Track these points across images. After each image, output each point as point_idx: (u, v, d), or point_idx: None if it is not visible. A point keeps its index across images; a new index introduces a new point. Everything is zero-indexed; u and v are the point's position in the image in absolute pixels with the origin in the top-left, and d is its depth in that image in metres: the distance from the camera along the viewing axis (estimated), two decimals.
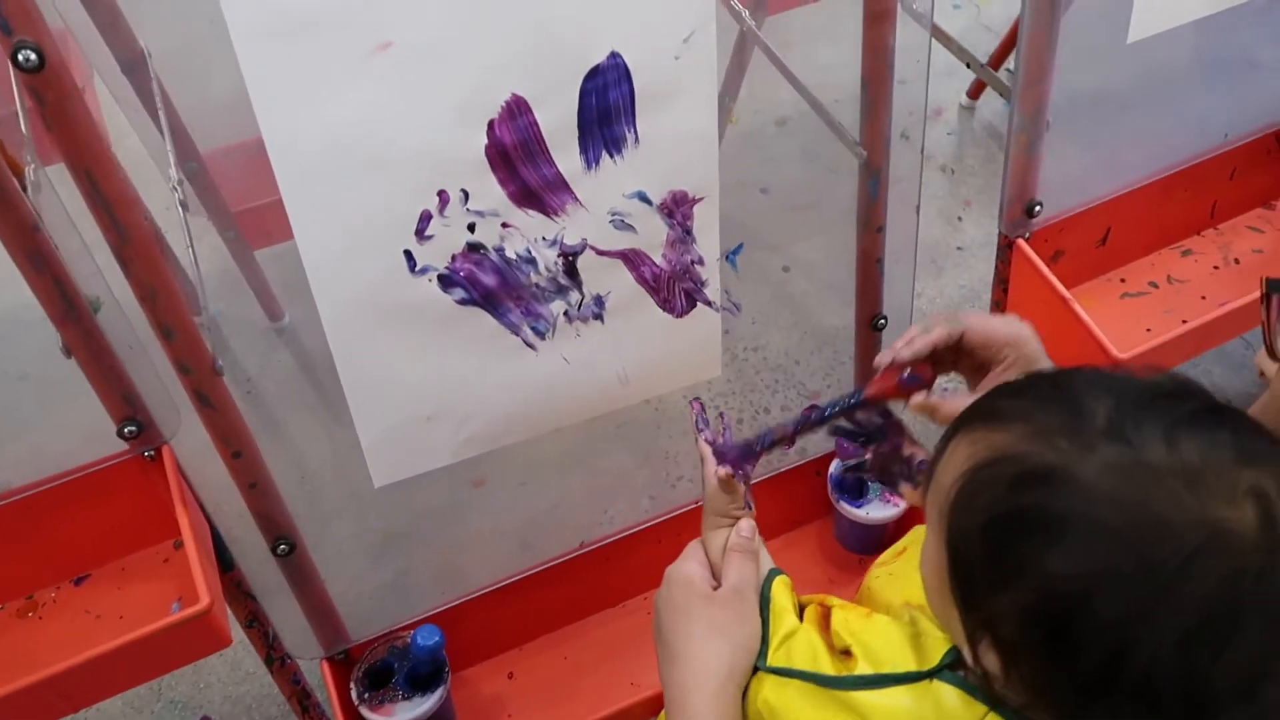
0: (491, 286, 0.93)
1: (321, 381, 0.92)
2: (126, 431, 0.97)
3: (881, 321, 1.22)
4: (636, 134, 0.90)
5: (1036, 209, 1.24)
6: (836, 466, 1.29)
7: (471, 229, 0.89)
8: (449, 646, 1.12)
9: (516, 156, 0.86)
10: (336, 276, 0.86)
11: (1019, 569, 0.56)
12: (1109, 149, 1.40)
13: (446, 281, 0.91)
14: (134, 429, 0.97)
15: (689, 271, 1.01)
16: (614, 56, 0.85)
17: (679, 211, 0.96)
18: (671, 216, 0.96)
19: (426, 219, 0.86)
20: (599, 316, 0.99)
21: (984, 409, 0.64)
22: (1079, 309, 1.20)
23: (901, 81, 1.06)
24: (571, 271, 0.95)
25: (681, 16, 0.85)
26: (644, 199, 0.94)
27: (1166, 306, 1.41)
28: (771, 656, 0.73)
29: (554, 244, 0.93)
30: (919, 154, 1.14)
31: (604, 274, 0.97)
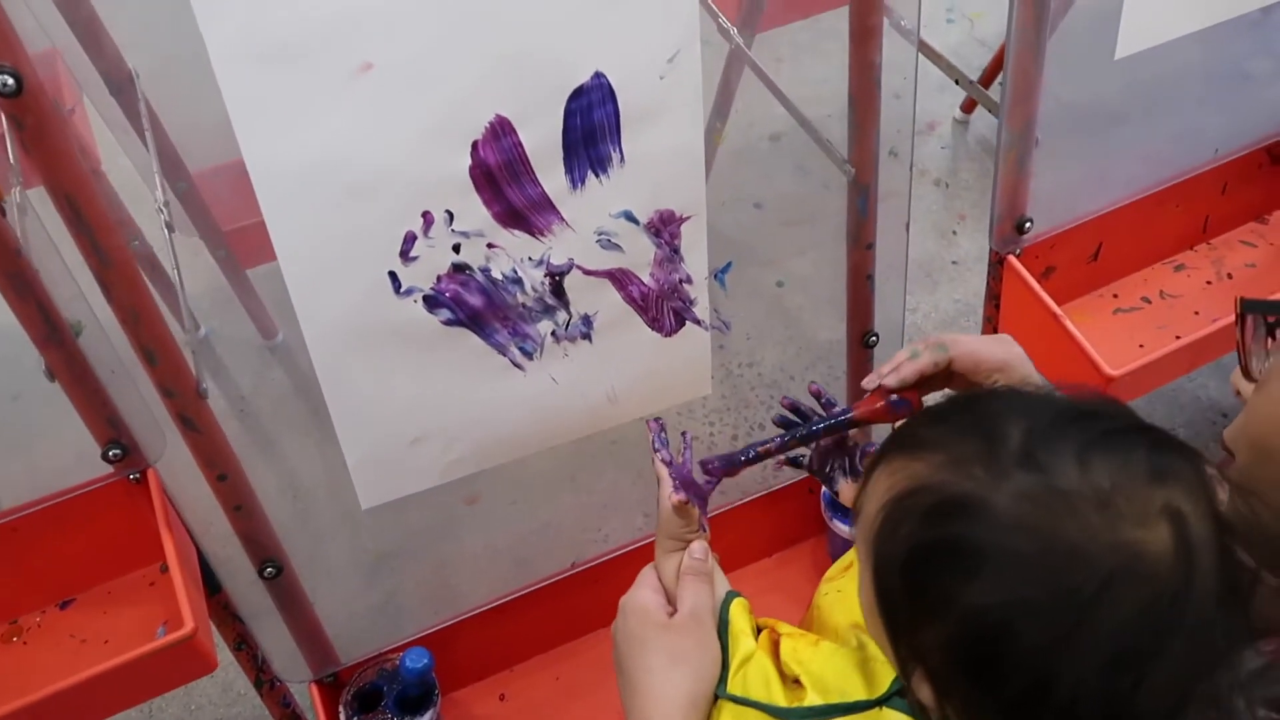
0: (478, 307, 0.92)
1: (314, 400, 0.91)
2: (111, 454, 0.97)
3: (873, 338, 1.21)
4: (622, 153, 0.89)
5: (1027, 225, 1.24)
6: None
7: (457, 250, 0.88)
8: (439, 668, 1.12)
9: (501, 177, 0.86)
10: (320, 298, 0.86)
11: (940, 601, 0.56)
12: (1099, 164, 1.40)
13: (432, 302, 0.90)
14: (119, 452, 0.97)
15: (677, 290, 1.00)
16: (598, 76, 0.84)
17: (666, 230, 0.96)
18: (659, 235, 0.96)
19: (411, 240, 0.86)
20: (587, 336, 0.99)
21: (905, 437, 0.63)
22: (1070, 325, 1.20)
23: (897, 96, 1.05)
24: (558, 291, 0.95)
25: (666, 36, 0.85)
26: (631, 218, 0.93)
27: (1159, 322, 1.41)
28: (730, 683, 0.73)
29: (540, 264, 0.92)
30: (908, 171, 1.13)
31: (591, 293, 0.96)
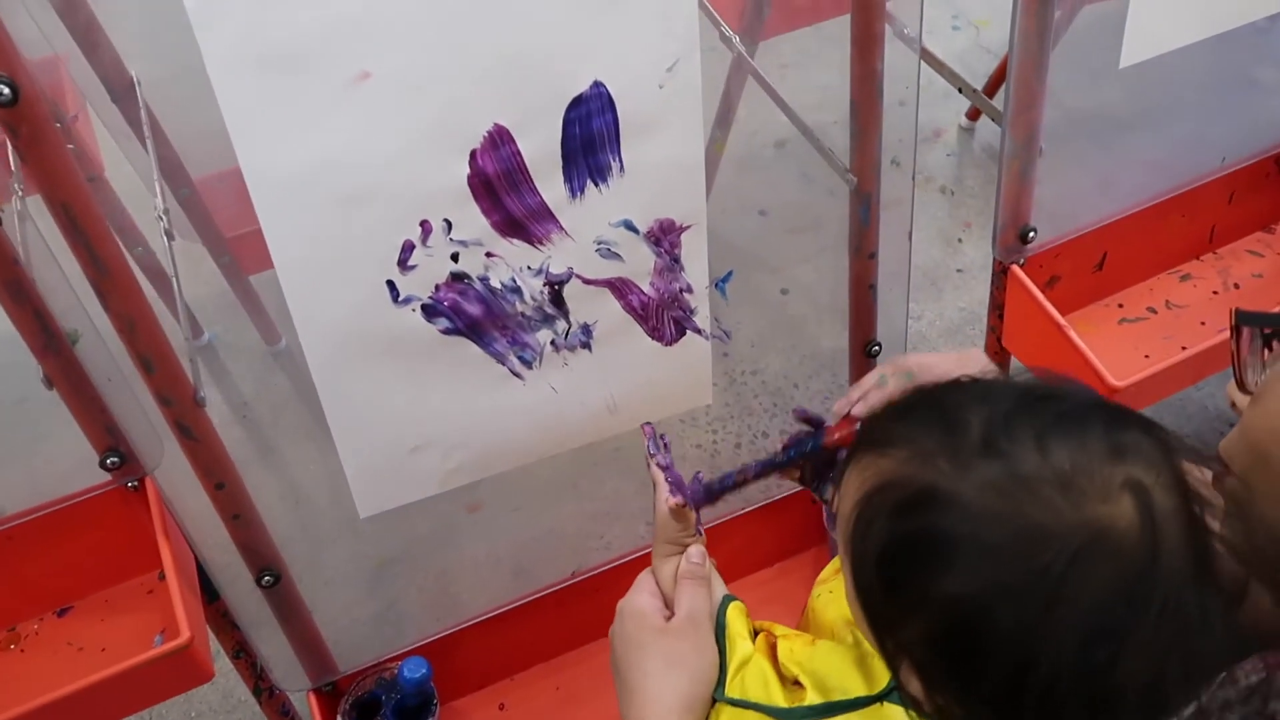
0: (476, 316, 0.92)
1: (317, 406, 0.91)
2: (109, 462, 0.97)
3: (875, 348, 1.21)
4: (621, 162, 0.89)
5: (1030, 235, 1.23)
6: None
7: (455, 259, 0.88)
8: (439, 677, 1.11)
9: (500, 186, 0.86)
10: (318, 306, 0.85)
11: (917, 594, 0.57)
12: (1104, 173, 1.39)
13: (430, 311, 0.90)
14: (116, 460, 0.97)
15: (677, 299, 1.00)
16: (597, 85, 0.84)
17: (666, 240, 0.95)
18: (659, 245, 0.95)
19: (409, 249, 0.86)
20: (586, 345, 0.98)
21: (872, 434, 0.64)
22: (1074, 336, 1.19)
23: (901, 104, 1.05)
24: (558, 300, 0.95)
25: (665, 45, 0.85)
26: (630, 227, 0.93)
27: (1165, 332, 1.40)
28: (728, 687, 0.73)
29: (539, 273, 0.92)
30: (911, 180, 1.12)
31: (591, 303, 0.96)
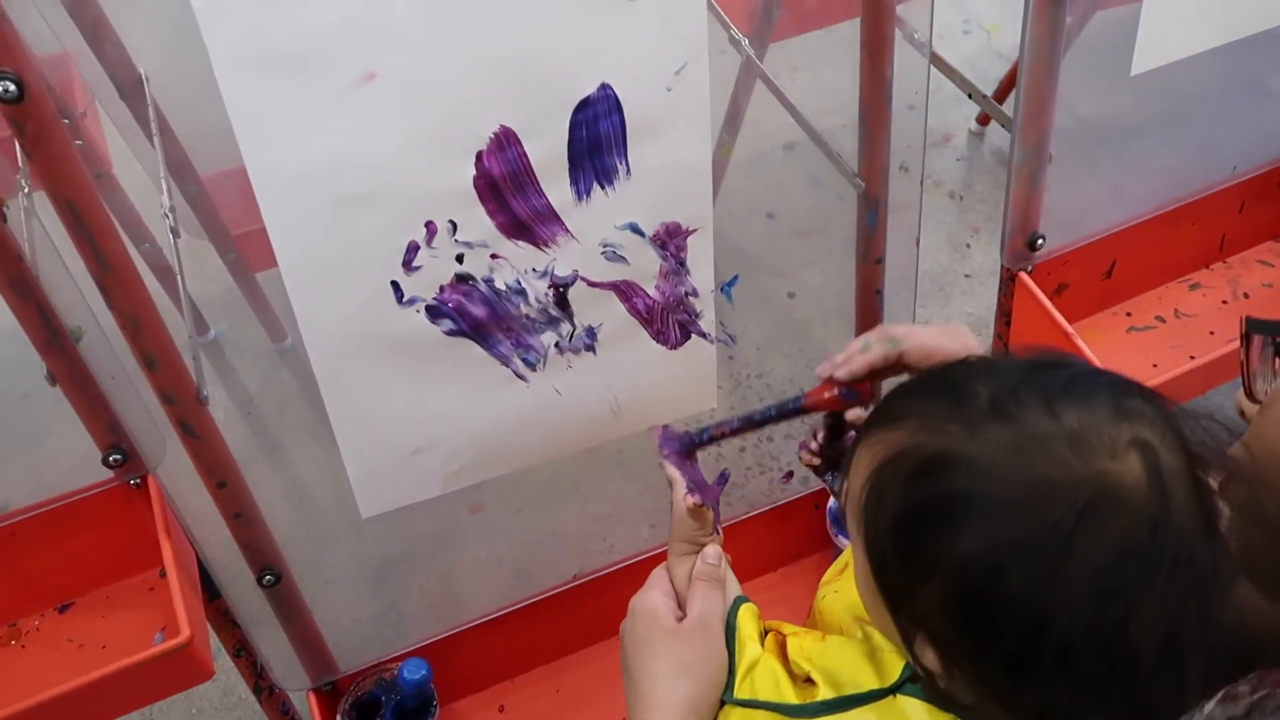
0: (481, 318, 0.92)
1: (321, 405, 0.91)
2: (111, 460, 0.96)
3: None
4: (628, 165, 0.89)
5: (1039, 242, 1.22)
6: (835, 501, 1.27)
7: (460, 260, 0.88)
8: (439, 678, 1.11)
9: (505, 188, 0.85)
10: (322, 306, 0.85)
11: (931, 558, 0.58)
12: (1114, 181, 1.38)
13: (435, 313, 0.89)
14: (119, 457, 0.96)
15: (683, 303, 0.99)
16: (604, 88, 0.84)
17: (672, 243, 0.95)
18: (664, 248, 0.95)
19: (414, 250, 0.85)
20: (591, 348, 0.98)
21: (881, 412, 0.66)
22: (1082, 344, 1.18)
23: (911, 108, 1.04)
24: (562, 303, 0.94)
25: (673, 48, 0.84)
26: (636, 230, 0.93)
27: (1174, 341, 1.39)
28: (738, 689, 0.72)
29: (544, 275, 0.92)
30: (919, 185, 1.12)
31: (596, 305, 0.95)
